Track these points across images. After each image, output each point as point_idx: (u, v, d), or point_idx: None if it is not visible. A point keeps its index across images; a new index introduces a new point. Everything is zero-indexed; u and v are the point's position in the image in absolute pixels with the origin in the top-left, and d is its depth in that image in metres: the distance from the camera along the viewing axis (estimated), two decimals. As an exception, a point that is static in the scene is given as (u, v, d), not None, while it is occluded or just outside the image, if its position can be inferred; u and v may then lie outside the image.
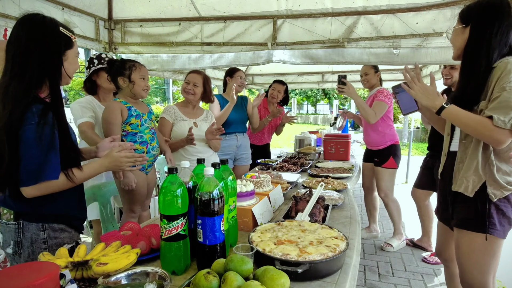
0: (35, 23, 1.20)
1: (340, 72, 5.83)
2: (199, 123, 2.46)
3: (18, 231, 1.27)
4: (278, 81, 3.59)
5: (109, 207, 2.13)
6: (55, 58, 1.22)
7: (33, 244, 1.28)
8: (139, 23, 3.25)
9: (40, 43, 1.18)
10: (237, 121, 3.02)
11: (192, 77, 2.40)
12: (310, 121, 26.01)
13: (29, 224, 1.27)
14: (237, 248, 1.02)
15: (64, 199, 1.31)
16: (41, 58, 1.19)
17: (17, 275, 0.74)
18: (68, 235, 1.36)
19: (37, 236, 1.28)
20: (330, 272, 1.03)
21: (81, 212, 1.45)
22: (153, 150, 2.08)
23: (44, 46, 1.19)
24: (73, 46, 1.28)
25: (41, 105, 1.17)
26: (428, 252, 3.09)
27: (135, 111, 2.00)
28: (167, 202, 1.00)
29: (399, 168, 3.19)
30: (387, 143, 3.04)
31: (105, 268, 0.94)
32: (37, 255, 1.24)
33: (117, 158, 1.38)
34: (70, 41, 1.27)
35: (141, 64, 2.01)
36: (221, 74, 5.70)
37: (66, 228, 1.35)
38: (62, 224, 1.33)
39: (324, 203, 1.61)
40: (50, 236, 1.30)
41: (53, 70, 1.22)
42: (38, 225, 1.28)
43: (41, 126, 1.14)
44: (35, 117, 1.14)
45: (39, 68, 1.18)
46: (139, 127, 2.01)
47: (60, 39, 1.23)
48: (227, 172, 1.23)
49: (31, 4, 2.39)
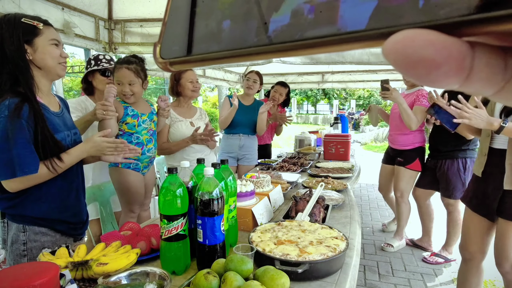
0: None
1: (340, 72, 5.85)
2: (195, 122, 2.46)
3: (4, 229, 1.27)
4: (281, 83, 3.55)
5: (109, 207, 2.13)
6: (13, 50, 1.18)
7: (13, 244, 1.26)
8: (139, 23, 3.25)
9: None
10: (243, 123, 3.01)
11: (193, 75, 2.39)
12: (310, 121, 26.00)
13: (12, 224, 1.27)
14: (237, 248, 1.02)
15: (49, 202, 1.29)
16: (3, 54, 1.17)
17: (17, 275, 0.74)
18: (51, 239, 1.31)
19: (17, 237, 1.26)
20: (330, 272, 1.03)
21: (73, 216, 1.40)
22: (148, 152, 2.03)
23: (2, 43, 1.17)
24: (40, 33, 1.23)
25: (17, 99, 1.16)
26: (428, 252, 3.10)
27: (132, 110, 1.96)
28: (167, 202, 1.00)
29: None
30: (415, 145, 2.93)
31: (105, 268, 0.95)
32: (15, 256, 1.25)
33: (98, 143, 1.36)
34: (34, 29, 1.22)
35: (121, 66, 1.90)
36: (221, 74, 5.70)
37: (49, 232, 1.31)
38: (44, 228, 1.29)
39: (324, 203, 1.61)
40: (29, 239, 1.27)
41: (16, 62, 1.19)
42: (19, 226, 1.26)
43: (11, 120, 1.12)
44: (6, 110, 1.13)
45: (4, 64, 1.18)
46: (135, 127, 1.96)
47: (17, 30, 1.18)
48: (227, 172, 1.23)
49: (31, 4, 2.39)
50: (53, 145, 1.24)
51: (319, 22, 0.17)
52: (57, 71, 1.30)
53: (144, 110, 2.04)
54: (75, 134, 1.43)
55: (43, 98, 1.30)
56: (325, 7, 0.17)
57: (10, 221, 1.27)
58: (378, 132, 13.24)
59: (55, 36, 1.28)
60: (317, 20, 0.17)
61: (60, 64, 1.30)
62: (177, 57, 0.23)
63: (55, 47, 1.27)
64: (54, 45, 1.27)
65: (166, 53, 0.24)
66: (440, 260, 2.88)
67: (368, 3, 0.15)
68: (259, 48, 0.19)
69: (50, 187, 1.29)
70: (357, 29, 0.16)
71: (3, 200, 1.25)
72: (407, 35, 0.14)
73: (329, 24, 0.16)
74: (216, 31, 0.21)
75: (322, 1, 0.17)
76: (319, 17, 0.17)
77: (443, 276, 2.70)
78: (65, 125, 1.36)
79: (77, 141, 1.42)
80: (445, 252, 2.93)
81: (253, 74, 3.07)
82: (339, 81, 6.10)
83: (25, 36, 1.20)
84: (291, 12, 0.18)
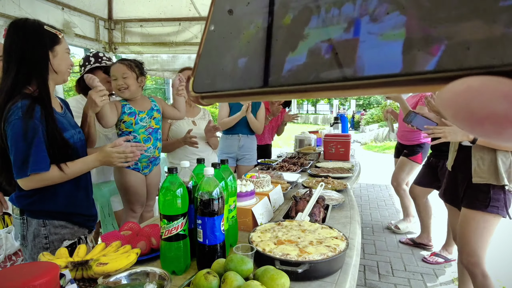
0: (17, 27, 1.28)
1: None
2: (197, 122, 2.46)
3: (23, 225, 1.34)
4: None
5: (108, 207, 2.13)
6: (38, 54, 1.27)
7: (35, 239, 1.35)
8: (139, 23, 3.25)
9: (21, 43, 1.26)
10: (241, 123, 3.01)
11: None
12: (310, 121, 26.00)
13: (32, 220, 1.35)
14: (237, 248, 1.02)
15: (64, 197, 1.37)
16: (24, 56, 1.26)
17: (17, 275, 0.74)
18: (70, 231, 1.40)
19: (38, 232, 1.35)
20: (330, 272, 1.03)
21: (86, 209, 1.50)
22: (146, 152, 1.95)
23: (25, 45, 1.26)
24: (60, 42, 1.34)
25: (28, 100, 1.22)
26: (428, 247, 3.12)
27: (130, 108, 1.91)
28: (167, 202, 1.00)
29: None
30: (421, 140, 3.20)
31: (105, 268, 0.95)
32: (39, 249, 1.34)
33: (109, 154, 1.42)
34: (56, 37, 1.32)
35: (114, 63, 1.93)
36: (221, 74, 5.70)
37: (67, 225, 1.40)
38: (62, 221, 1.38)
39: (324, 203, 1.60)
40: (50, 232, 1.36)
41: (38, 66, 1.28)
42: (39, 221, 1.35)
43: (26, 121, 1.19)
44: (19, 111, 1.20)
45: (23, 66, 1.25)
46: (132, 126, 1.91)
47: (43, 37, 1.28)
48: (227, 172, 1.23)
49: (31, 4, 2.39)
50: (63, 144, 1.32)
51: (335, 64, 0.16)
52: (65, 76, 1.40)
53: (143, 107, 1.98)
54: (80, 132, 1.49)
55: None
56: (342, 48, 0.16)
57: (29, 217, 1.35)
58: (378, 132, 13.23)
59: (67, 45, 1.40)
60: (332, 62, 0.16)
61: (68, 71, 1.40)
62: (208, 91, 0.24)
63: (68, 55, 1.39)
64: (67, 53, 1.38)
65: (199, 87, 0.24)
66: (440, 260, 2.89)
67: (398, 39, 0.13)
68: (275, 88, 0.20)
69: (65, 183, 1.37)
70: (389, 73, 0.14)
71: (22, 197, 1.33)
72: (471, 85, 0.11)
73: (346, 67, 0.15)
74: (237, 68, 0.22)
75: (339, 40, 0.16)
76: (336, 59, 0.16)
77: (443, 276, 2.70)
78: (69, 125, 1.43)
79: (81, 139, 1.48)
80: (445, 252, 2.93)
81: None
82: (339, 81, 6.10)
83: (50, 43, 1.30)
84: (308, 52, 0.18)
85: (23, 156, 1.20)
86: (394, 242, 3.37)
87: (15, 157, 1.21)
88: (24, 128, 1.19)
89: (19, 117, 1.19)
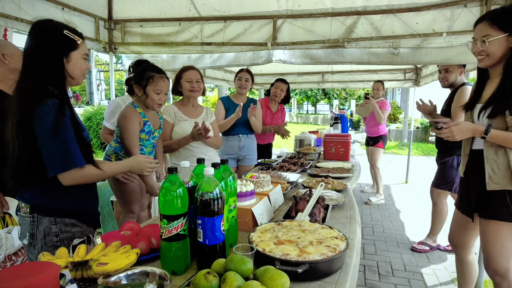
0: (38, 28, 1.29)
1: (340, 72, 5.93)
2: (200, 122, 2.45)
3: (32, 224, 1.35)
4: (280, 80, 3.58)
5: (108, 207, 2.13)
6: (52, 60, 1.28)
7: (45, 237, 1.36)
8: (139, 23, 3.25)
9: (39, 46, 1.27)
10: (240, 122, 3.01)
11: (193, 75, 2.36)
12: (310, 121, 25.98)
13: (43, 218, 1.35)
14: (237, 248, 1.02)
15: (76, 195, 1.39)
16: (42, 60, 1.27)
17: (17, 275, 0.74)
18: (79, 229, 1.42)
19: (49, 230, 1.35)
20: (330, 272, 1.03)
21: (93, 208, 1.52)
22: None
23: (43, 50, 1.27)
24: (77, 48, 1.34)
25: (57, 100, 1.26)
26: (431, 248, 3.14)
27: (149, 127, 2.03)
28: (167, 202, 1.00)
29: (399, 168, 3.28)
30: (379, 133, 4.65)
31: (105, 268, 0.94)
32: (49, 248, 1.35)
33: (142, 163, 1.53)
34: (74, 43, 1.32)
35: (162, 76, 1.97)
36: (221, 74, 5.70)
37: (77, 223, 1.41)
38: (73, 219, 1.40)
39: (324, 203, 1.60)
40: (61, 230, 1.37)
41: (54, 71, 1.29)
42: (50, 219, 1.35)
43: (58, 118, 1.23)
44: (52, 110, 1.22)
45: (41, 69, 1.27)
46: (144, 141, 2.04)
47: (59, 42, 1.29)
48: (227, 172, 1.23)
49: (31, 4, 2.39)
50: (85, 143, 1.35)
51: None
52: (79, 81, 1.41)
53: (155, 125, 2.11)
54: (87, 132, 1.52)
55: None
56: None
57: (40, 215, 1.35)
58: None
59: (86, 50, 1.40)
60: None
61: (83, 76, 1.41)
62: None
63: (84, 61, 1.38)
64: (84, 59, 1.38)
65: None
66: (426, 248, 3.13)
67: None
68: None
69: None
70: None
71: (35, 195, 1.34)
72: None
73: None
74: None
75: None
76: None
77: (443, 276, 2.70)
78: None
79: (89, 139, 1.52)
80: (430, 240, 3.17)
81: (245, 73, 3.07)
82: (339, 81, 6.10)
83: (65, 49, 1.31)
84: None
85: (59, 152, 1.23)
86: (394, 242, 3.38)
87: (51, 153, 1.23)
88: (57, 125, 1.22)
89: (52, 115, 1.22)
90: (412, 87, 5.89)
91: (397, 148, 11.10)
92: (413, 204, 4.72)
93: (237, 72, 3.12)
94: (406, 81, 5.68)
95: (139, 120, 1.96)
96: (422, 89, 5.69)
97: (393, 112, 15.48)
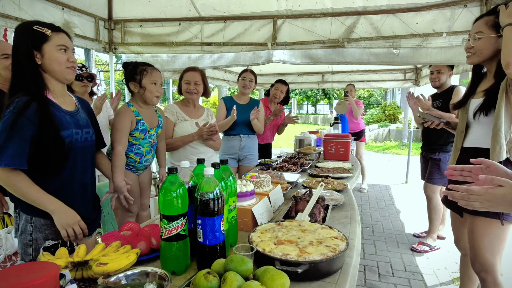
0: (15, 31, 1.33)
1: (340, 72, 5.94)
2: (200, 123, 2.45)
3: (16, 219, 1.38)
4: (280, 81, 3.60)
5: (108, 207, 2.13)
6: (23, 55, 1.29)
7: (22, 234, 1.36)
8: (139, 23, 3.25)
9: (14, 45, 1.31)
10: (241, 122, 3.01)
11: (191, 76, 2.37)
12: (310, 121, 25.95)
13: (22, 215, 1.36)
14: (237, 248, 1.02)
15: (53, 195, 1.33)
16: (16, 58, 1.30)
17: (17, 275, 0.74)
18: (55, 231, 1.36)
19: (25, 227, 1.36)
20: (330, 272, 1.03)
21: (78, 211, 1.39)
22: (145, 162, 2.13)
23: (16, 47, 1.30)
24: (48, 40, 1.31)
25: (27, 97, 1.25)
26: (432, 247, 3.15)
27: (143, 125, 2.01)
28: (167, 202, 1.00)
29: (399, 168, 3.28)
30: (360, 128, 5.16)
31: (105, 268, 0.95)
32: (23, 245, 1.36)
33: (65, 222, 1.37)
34: (43, 36, 1.30)
35: (154, 68, 1.99)
36: (221, 74, 5.70)
37: (53, 224, 1.34)
38: (49, 220, 1.34)
39: (324, 203, 1.60)
40: (35, 230, 1.36)
41: (27, 66, 1.29)
42: (27, 217, 1.35)
43: (13, 115, 1.21)
44: (12, 107, 1.23)
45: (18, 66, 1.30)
46: (140, 140, 2.03)
47: (28, 37, 1.29)
48: (227, 172, 1.23)
49: (31, 4, 2.39)
50: (56, 141, 1.31)
51: None
52: (65, 75, 1.37)
53: (153, 123, 2.09)
54: (87, 133, 1.49)
55: (56, 98, 1.38)
56: None
57: (21, 211, 1.36)
58: (378, 132, 13.23)
59: (63, 42, 1.35)
60: None
61: (67, 69, 1.36)
62: None
63: (62, 53, 1.34)
64: (62, 51, 1.34)
65: None
66: (426, 249, 3.12)
67: None
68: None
69: (56, 181, 1.36)
70: None
71: None
72: None
73: None
74: None
75: None
76: None
77: (443, 276, 2.70)
78: (76, 124, 1.42)
79: (88, 140, 1.49)
80: (430, 239, 3.15)
81: (249, 73, 3.07)
82: (339, 81, 6.11)
83: (34, 43, 1.29)
84: None
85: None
86: (394, 242, 3.38)
87: None
88: (11, 123, 1.21)
89: (10, 111, 1.22)
90: (412, 87, 5.89)
91: (397, 148, 11.09)
92: (413, 204, 4.72)
93: (241, 72, 3.12)
94: (406, 81, 5.69)
95: (131, 119, 1.96)
96: (422, 89, 5.70)
97: (393, 112, 15.50)
